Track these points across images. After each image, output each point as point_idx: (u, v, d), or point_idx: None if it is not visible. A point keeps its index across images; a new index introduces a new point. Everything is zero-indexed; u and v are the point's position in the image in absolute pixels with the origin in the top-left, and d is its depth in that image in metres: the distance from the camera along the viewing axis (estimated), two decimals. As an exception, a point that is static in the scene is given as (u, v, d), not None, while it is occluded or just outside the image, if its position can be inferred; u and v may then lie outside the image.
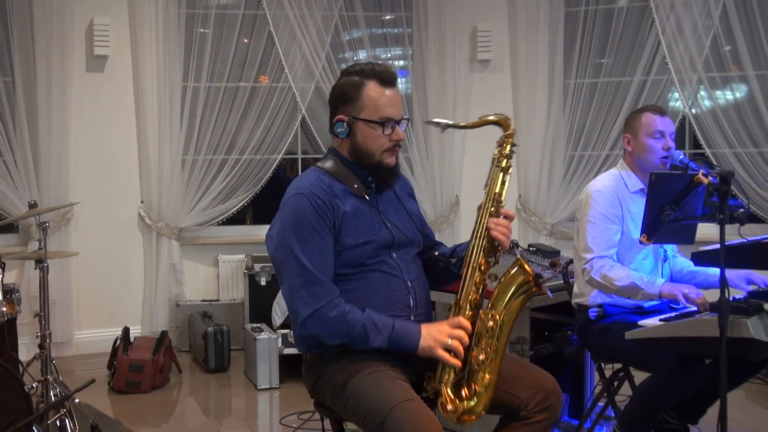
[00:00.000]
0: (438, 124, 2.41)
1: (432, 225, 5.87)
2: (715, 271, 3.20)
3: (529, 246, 4.56)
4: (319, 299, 2.21)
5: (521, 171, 6.00)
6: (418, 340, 2.21)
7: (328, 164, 2.37)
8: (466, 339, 2.22)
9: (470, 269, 2.30)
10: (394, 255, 2.36)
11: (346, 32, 5.98)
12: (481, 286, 2.29)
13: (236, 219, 6.04)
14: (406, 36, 6.05)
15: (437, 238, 2.67)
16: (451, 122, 2.42)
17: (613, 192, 3.14)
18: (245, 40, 5.87)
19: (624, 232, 3.12)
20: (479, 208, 2.37)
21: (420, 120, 5.98)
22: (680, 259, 3.38)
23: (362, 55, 6.02)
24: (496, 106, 6.07)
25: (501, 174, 2.38)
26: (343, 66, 6.05)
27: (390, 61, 6.11)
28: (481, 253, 2.30)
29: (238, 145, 5.82)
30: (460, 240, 5.83)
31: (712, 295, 2.89)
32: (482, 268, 2.29)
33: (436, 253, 2.48)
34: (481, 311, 2.27)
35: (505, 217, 2.34)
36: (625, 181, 3.20)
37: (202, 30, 5.77)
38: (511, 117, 2.44)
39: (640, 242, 2.80)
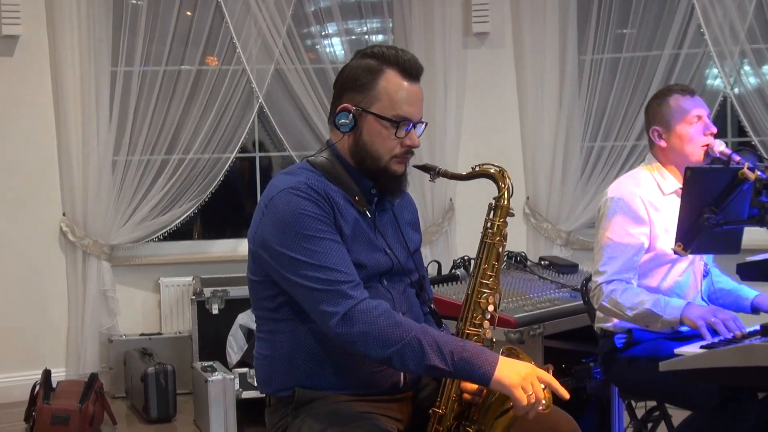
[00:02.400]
0: (428, 170, 2.42)
1: (423, 235, 5.85)
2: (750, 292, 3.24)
3: (541, 260, 4.58)
4: (354, 295, 2.17)
5: (528, 167, 6.03)
6: (494, 366, 2.12)
7: (323, 161, 2.35)
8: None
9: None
10: (385, 282, 2.37)
11: (311, 2, 5.98)
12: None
13: (181, 233, 6.02)
14: (386, 5, 6.06)
15: (427, 252, 2.69)
16: (442, 169, 2.41)
17: (638, 199, 3.13)
18: (188, 13, 5.86)
19: (654, 246, 3.13)
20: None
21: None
22: (715, 271, 3.40)
23: (331, 29, 6.02)
24: (496, 88, 6.12)
25: (492, 251, 2.37)
26: (309, 42, 6.07)
27: (366, 36, 6.13)
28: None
29: (182, 143, 5.81)
30: (456, 253, 5.89)
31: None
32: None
33: (432, 307, 2.51)
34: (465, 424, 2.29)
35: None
36: (658, 183, 3.20)
37: (135, 1, 5.76)
38: (507, 171, 2.41)
39: (675, 252, 2.82)
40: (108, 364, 5.69)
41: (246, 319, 5.18)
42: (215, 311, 5.41)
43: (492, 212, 2.37)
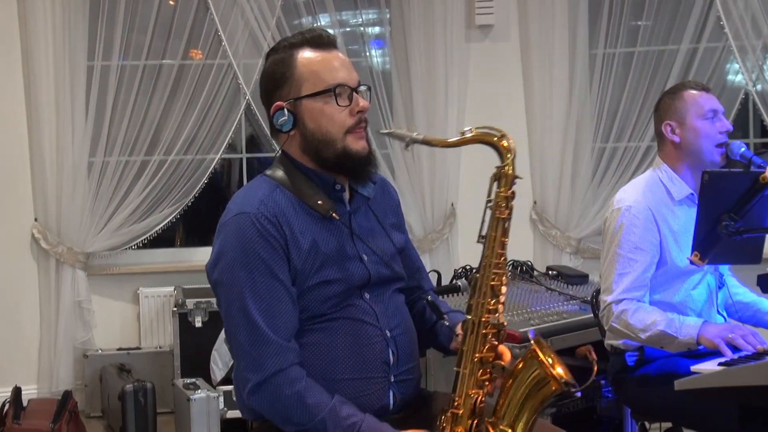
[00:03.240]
0: (397, 136, 2.34)
1: (421, 243, 5.88)
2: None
3: (548, 269, 4.58)
4: (269, 366, 2.21)
5: (536, 170, 6.03)
6: None
7: (279, 173, 2.36)
8: None
9: (468, 360, 2.22)
10: (366, 295, 2.35)
11: (302, -10, 5.98)
12: (486, 382, 2.23)
13: (162, 240, 6.02)
14: (382, -5, 6.06)
15: (427, 261, 2.69)
16: (416, 135, 2.29)
17: (647, 209, 3.14)
18: (170, 2, 5.85)
19: (665, 259, 3.13)
20: (476, 272, 2.29)
21: (401, 102, 5.99)
22: (732, 282, 3.39)
23: (324, 21, 6.01)
24: (500, 84, 6.12)
25: (499, 223, 2.28)
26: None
27: (362, 28, 6.12)
28: (480, 338, 2.23)
29: (163, 143, 5.80)
30: (457, 262, 5.89)
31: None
32: (483, 359, 2.22)
33: (429, 298, 2.44)
34: (487, 422, 2.22)
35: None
36: (668, 188, 3.21)
37: (113, -9, 5.75)
38: (507, 135, 2.30)
39: (691, 262, 2.82)
40: (83, 381, 5.67)
41: (231, 332, 5.16)
42: (198, 324, 5.40)
43: (497, 182, 2.29)
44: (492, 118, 6.03)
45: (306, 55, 2.33)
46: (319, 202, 2.31)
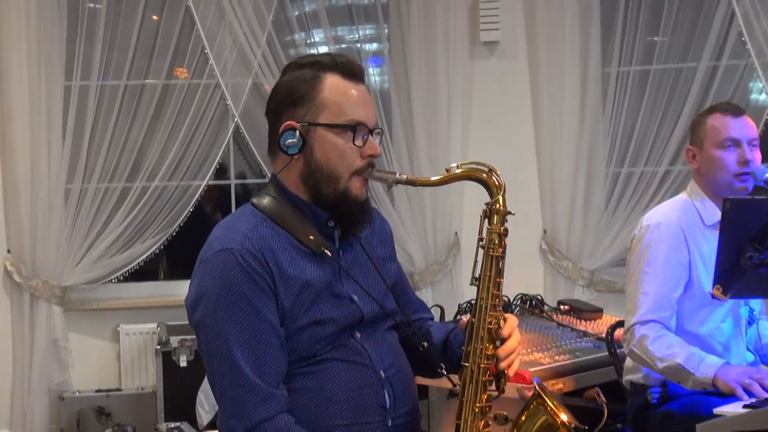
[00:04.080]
0: (378, 178, 2.35)
1: (422, 275, 5.88)
2: None
3: (560, 304, 4.58)
4: (255, 415, 2.20)
5: (546, 197, 6.04)
6: None
7: (267, 202, 2.35)
8: None
9: (468, 411, 2.25)
10: (358, 335, 2.35)
11: (294, 5, 6.00)
12: None
13: (144, 273, 6.02)
14: (380, 9, 6.08)
15: (429, 295, 2.68)
16: (399, 175, 2.31)
17: (678, 227, 3.17)
18: (154, 18, 5.87)
19: (693, 282, 3.14)
20: (471, 310, 2.33)
21: (401, 124, 6.00)
22: (764, 324, 3.39)
23: (318, 37, 6.04)
24: (507, 105, 6.13)
25: (494, 263, 2.31)
26: (292, 53, 6.09)
27: (359, 44, 6.15)
28: (480, 386, 2.26)
29: (146, 168, 5.81)
30: (462, 296, 5.87)
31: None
32: (484, 409, 2.26)
33: (425, 345, 2.43)
34: None
35: (508, 338, 2.30)
36: (700, 212, 3.24)
37: (92, 5, 5.76)
38: (496, 170, 2.34)
39: (713, 296, 2.82)
40: (59, 425, 5.65)
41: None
42: (183, 363, 5.40)
43: (487, 219, 2.33)
44: (498, 140, 6.12)
45: (334, 81, 2.32)
46: (310, 237, 2.31)
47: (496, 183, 2.32)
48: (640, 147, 5.92)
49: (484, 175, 2.32)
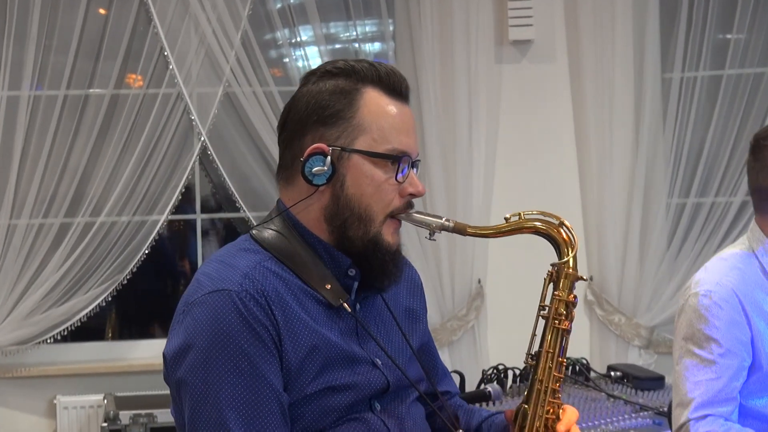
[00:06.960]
0: (418, 222, 2.34)
1: (438, 334, 5.86)
2: None
3: (610, 370, 4.59)
4: None
5: (592, 235, 6.05)
6: None
7: (272, 237, 2.32)
8: None
9: None
10: (378, 406, 2.33)
11: (275, -4, 6.04)
12: None
13: (88, 331, 6.04)
14: (384, 1, 6.10)
15: (446, 358, 2.71)
16: (445, 221, 2.31)
17: (733, 295, 3.12)
18: (100, 12, 5.89)
19: (759, 362, 3.14)
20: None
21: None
22: None
23: (306, 36, 6.05)
24: (542, 118, 6.16)
25: (558, 338, 2.33)
26: (273, 55, 6.13)
27: (356, 45, 6.17)
28: None
29: (90, 199, 5.82)
30: (486, 360, 5.87)
31: None
32: None
33: None
34: None
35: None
36: (763, 264, 3.23)
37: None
38: (566, 222, 2.34)
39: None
40: None
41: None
42: (136, 444, 5.42)
43: (553, 284, 2.33)
44: (532, 163, 6.14)
45: (375, 97, 2.31)
46: (327, 285, 2.28)
47: (567, 239, 2.32)
48: (710, 172, 5.94)
49: (553, 230, 2.32)
